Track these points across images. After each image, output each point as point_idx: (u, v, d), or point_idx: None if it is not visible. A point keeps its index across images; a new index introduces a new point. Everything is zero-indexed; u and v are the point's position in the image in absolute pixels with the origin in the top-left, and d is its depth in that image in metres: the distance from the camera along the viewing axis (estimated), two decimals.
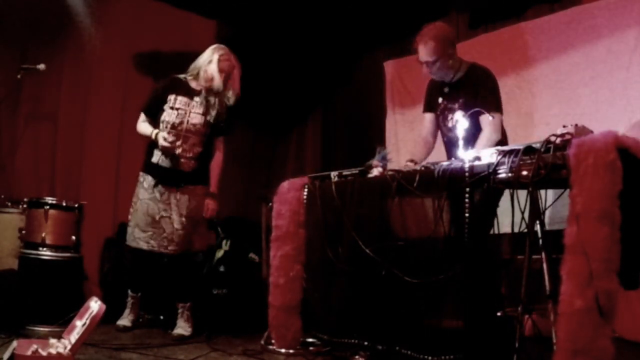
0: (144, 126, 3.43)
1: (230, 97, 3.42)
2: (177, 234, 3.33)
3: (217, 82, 3.34)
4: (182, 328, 3.35)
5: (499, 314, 2.33)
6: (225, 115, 3.43)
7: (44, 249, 3.49)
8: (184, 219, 3.33)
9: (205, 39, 4.57)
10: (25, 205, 3.60)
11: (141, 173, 3.41)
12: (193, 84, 3.42)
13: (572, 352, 1.84)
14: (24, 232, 3.55)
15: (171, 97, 3.35)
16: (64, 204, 3.62)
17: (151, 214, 3.32)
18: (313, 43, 5.41)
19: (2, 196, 3.85)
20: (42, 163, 4.36)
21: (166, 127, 3.31)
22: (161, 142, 3.25)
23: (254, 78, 5.32)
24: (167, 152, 3.30)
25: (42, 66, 3.77)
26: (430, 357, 2.31)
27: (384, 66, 5.27)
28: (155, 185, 3.34)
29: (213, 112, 3.37)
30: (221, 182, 3.55)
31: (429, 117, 3.29)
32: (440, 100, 3.15)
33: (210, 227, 4.56)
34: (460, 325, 2.27)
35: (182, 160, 3.33)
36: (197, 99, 3.37)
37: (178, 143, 3.29)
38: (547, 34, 4.05)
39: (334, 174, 2.89)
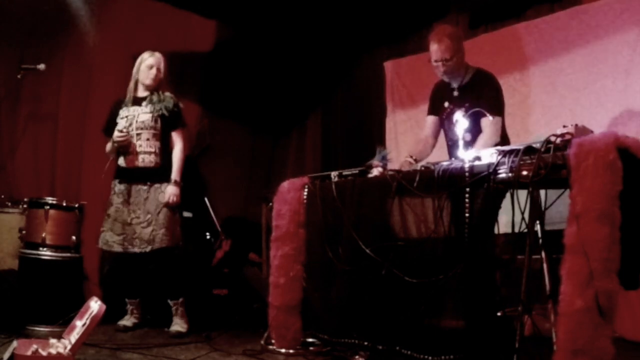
0: (107, 145, 3.54)
1: (168, 95, 3.51)
2: (144, 233, 3.35)
3: (150, 78, 3.48)
4: (178, 325, 3.38)
5: (499, 314, 2.33)
6: (172, 107, 3.49)
7: (44, 249, 3.49)
8: (149, 216, 3.36)
9: (205, 39, 4.59)
10: (25, 205, 3.61)
11: (112, 182, 3.49)
12: (138, 94, 3.52)
13: (572, 352, 1.84)
14: (24, 232, 3.56)
15: (121, 111, 3.49)
16: (64, 204, 3.63)
17: (124, 218, 3.37)
18: (313, 43, 5.41)
19: (2, 196, 3.86)
20: (42, 163, 4.36)
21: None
22: (116, 135, 3.37)
23: (254, 78, 5.35)
24: (124, 148, 3.39)
25: (42, 66, 3.78)
26: (430, 357, 2.31)
27: (384, 66, 5.27)
28: (121, 185, 3.40)
29: (158, 106, 3.46)
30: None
31: (431, 119, 3.31)
32: (446, 104, 3.16)
33: (211, 227, 4.58)
34: (461, 325, 2.27)
35: (143, 155, 3.39)
36: (144, 103, 3.49)
37: (132, 141, 3.38)
38: (547, 34, 4.05)
39: (334, 174, 2.89)
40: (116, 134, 3.38)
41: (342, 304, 2.71)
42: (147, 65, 3.50)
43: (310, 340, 2.97)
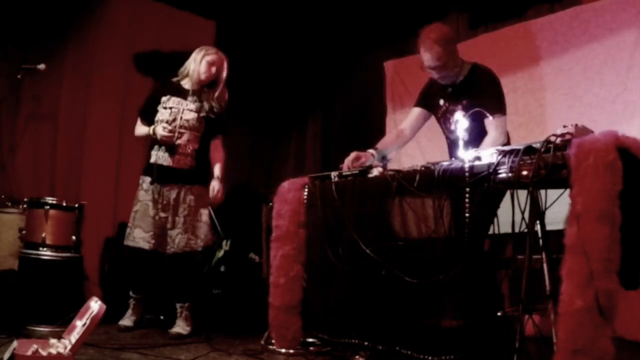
0: (140, 128, 3.51)
1: (221, 94, 3.47)
2: (174, 234, 3.34)
3: (208, 75, 3.41)
4: (180, 327, 3.37)
5: (499, 314, 2.33)
6: (219, 111, 3.47)
7: (44, 249, 3.49)
8: (180, 218, 3.35)
9: (205, 39, 4.57)
10: (25, 205, 3.61)
11: (141, 176, 3.46)
12: (186, 85, 3.47)
13: (572, 352, 1.84)
14: (24, 232, 3.55)
15: (165, 98, 3.42)
16: (64, 204, 3.62)
17: (151, 215, 3.35)
18: (313, 43, 5.42)
19: (2, 196, 3.86)
20: (42, 163, 4.36)
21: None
22: (160, 131, 3.30)
23: (254, 78, 5.35)
24: (166, 144, 3.34)
25: (42, 66, 3.78)
26: (430, 357, 2.31)
27: (384, 66, 5.28)
28: (152, 184, 3.36)
29: (206, 106, 3.43)
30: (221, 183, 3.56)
31: (417, 111, 3.25)
32: (441, 102, 3.09)
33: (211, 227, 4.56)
34: (461, 325, 2.27)
35: (179, 156, 3.36)
36: (190, 98, 3.43)
37: (174, 140, 3.33)
38: (547, 34, 4.06)
39: (334, 174, 2.88)
40: (162, 131, 3.29)
41: (342, 304, 2.71)
42: (209, 61, 3.41)
43: (310, 340, 2.97)
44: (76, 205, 3.67)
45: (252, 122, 5.73)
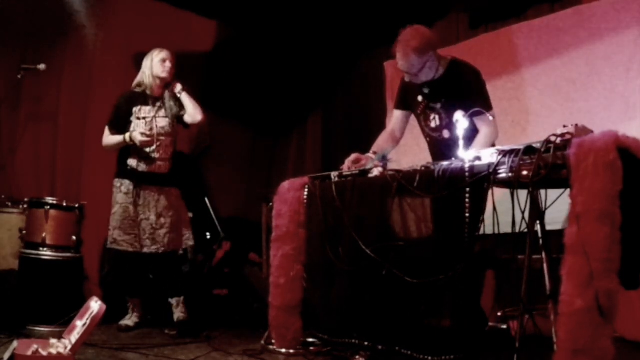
0: (112, 138, 3.50)
1: (178, 87, 3.52)
2: (157, 234, 3.41)
3: (166, 72, 3.48)
4: (182, 313, 3.44)
5: (499, 314, 2.34)
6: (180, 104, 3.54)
7: (45, 249, 3.49)
8: (162, 220, 3.42)
9: (205, 39, 4.59)
10: (25, 206, 3.61)
11: (116, 179, 3.49)
12: (149, 92, 3.51)
13: (573, 352, 1.84)
14: (24, 232, 3.56)
15: (136, 109, 3.47)
16: (65, 204, 3.63)
17: (132, 217, 3.40)
18: (313, 43, 5.41)
19: (3, 196, 3.86)
20: (42, 163, 4.37)
21: None
22: (139, 138, 3.35)
23: (254, 78, 5.35)
24: (145, 148, 3.39)
25: (42, 66, 3.79)
26: (430, 357, 2.31)
27: (384, 66, 5.27)
28: (134, 188, 3.41)
29: (175, 110, 3.50)
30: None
31: (398, 114, 3.25)
32: (420, 98, 3.04)
33: (211, 227, 4.58)
34: (461, 325, 2.27)
35: (159, 162, 3.45)
36: (158, 104, 3.50)
37: (153, 147, 3.41)
38: (548, 33, 4.05)
39: (334, 174, 2.89)
40: (140, 136, 3.34)
41: (342, 304, 2.71)
42: (161, 59, 3.50)
43: (310, 340, 2.97)
44: (76, 205, 3.67)
45: (253, 122, 5.73)
